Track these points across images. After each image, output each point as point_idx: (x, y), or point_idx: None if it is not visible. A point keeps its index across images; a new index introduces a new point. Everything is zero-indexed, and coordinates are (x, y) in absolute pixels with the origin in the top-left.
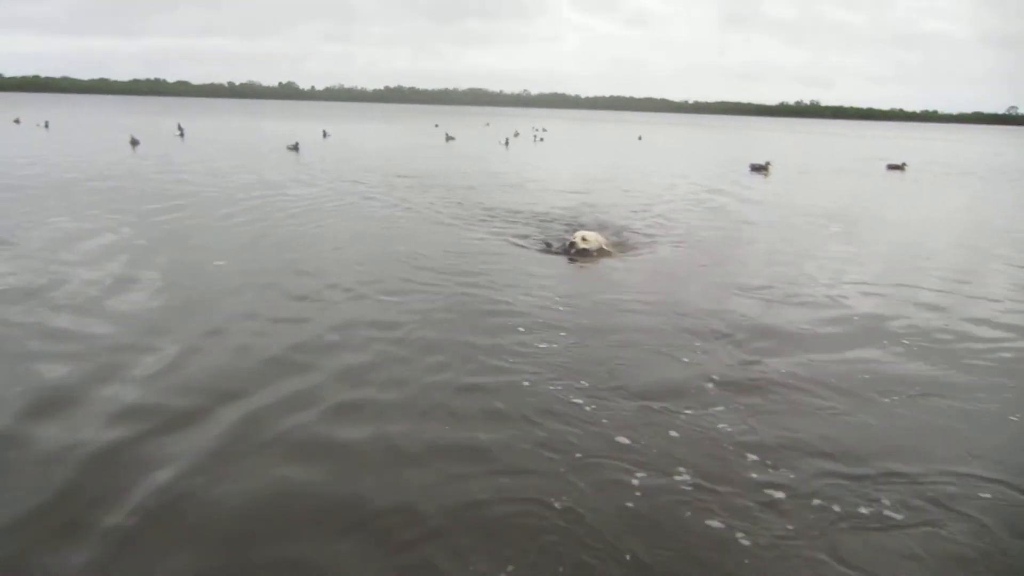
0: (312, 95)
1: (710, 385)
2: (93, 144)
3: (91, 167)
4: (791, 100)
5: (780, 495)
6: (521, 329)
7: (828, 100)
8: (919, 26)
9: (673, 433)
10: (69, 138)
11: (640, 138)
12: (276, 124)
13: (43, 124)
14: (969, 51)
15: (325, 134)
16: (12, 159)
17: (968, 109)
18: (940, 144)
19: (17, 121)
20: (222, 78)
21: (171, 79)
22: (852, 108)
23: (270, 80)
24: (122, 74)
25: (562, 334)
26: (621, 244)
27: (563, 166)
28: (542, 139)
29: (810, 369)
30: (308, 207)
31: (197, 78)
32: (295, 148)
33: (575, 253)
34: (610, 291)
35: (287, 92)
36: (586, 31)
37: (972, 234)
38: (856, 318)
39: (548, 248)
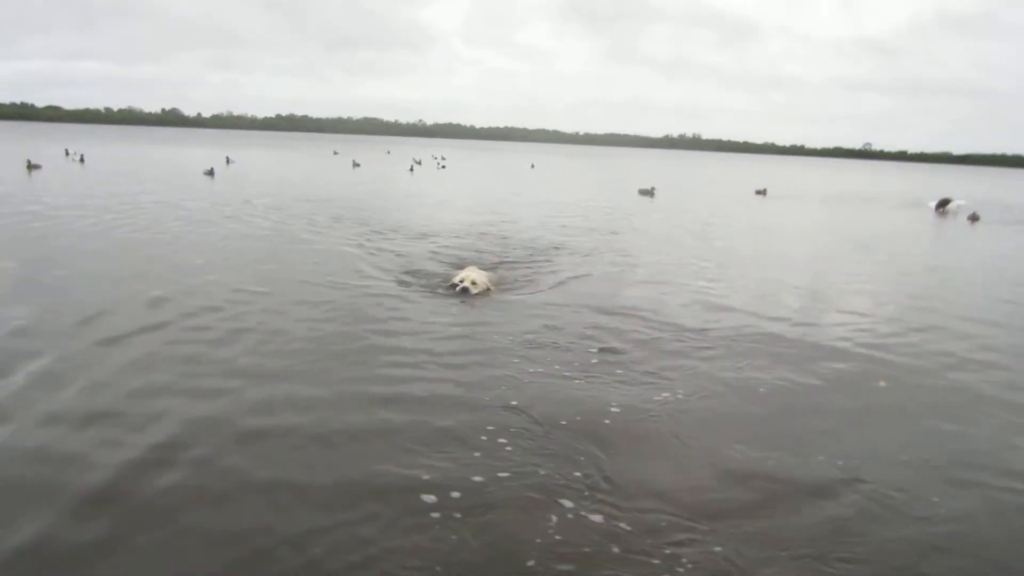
0: (198, 122)
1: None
2: None
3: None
4: (675, 133)
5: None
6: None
7: (708, 134)
8: (781, 69)
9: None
10: None
11: (532, 166)
12: (168, 150)
13: None
14: (827, 93)
15: (228, 160)
16: None
17: (831, 144)
18: (805, 175)
19: None
20: (98, 103)
21: (40, 103)
22: (730, 141)
23: (152, 106)
24: None
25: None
26: (503, 280)
27: (466, 191)
28: (443, 166)
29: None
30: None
31: (70, 103)
32: (210, 173)
33: (460, 291)
34: (493, 326)
35: (171, 119)
36: (477, 64)
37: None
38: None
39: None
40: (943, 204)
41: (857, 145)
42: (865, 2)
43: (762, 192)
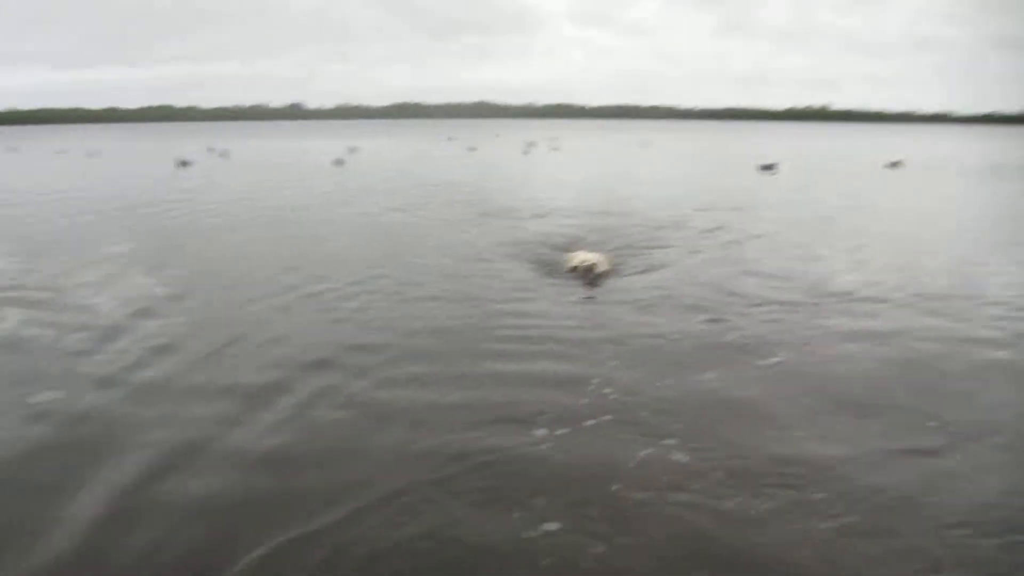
0: (320, 114)
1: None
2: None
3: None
4: (799, 104)
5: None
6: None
7: (839, 104)
8: (919, 30)
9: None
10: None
11: (645, 144)
12: (300, 143)
13: (89, 153)
14: (975, 55)
15: (352, 150)
16: (66, 189)
17: (982, 111)
18: (946, 144)
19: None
20: (229, 101)
21: (179, 104)
22: (862, 112)
23: (277, 100)
24: (130, 102)
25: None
26: (618, 261)
27: (580, 172)
28: (556, 148)
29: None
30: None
31: (205, 102)
32: (339, 162)
33: (584, 272)
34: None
35: (295, 113)
36: (586, 43)
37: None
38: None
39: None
40: None
41: (1017, 109)
42: None
43: (897, 164)
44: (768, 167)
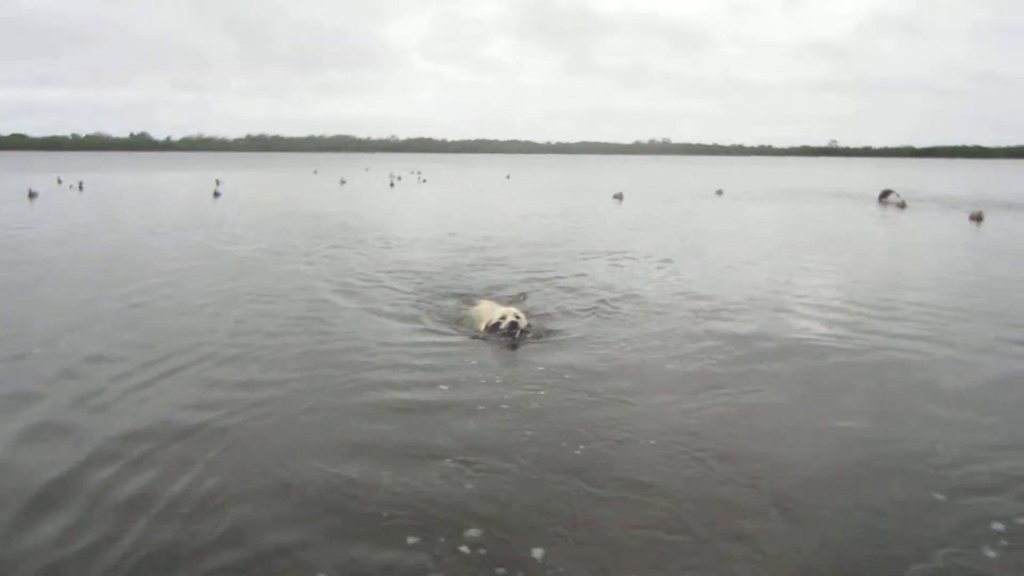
0: (168, 145)
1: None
2: None
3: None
4: (644, 139)
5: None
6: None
7: (677, 139)
8: (737, 74)
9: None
10: None
11: (508, 177)
12: (156, 175)
13: None
14: (788, 95)
15: (218, 183)
16: None
17: (798, 144)
18: (768, 173)
19: None
20: (64, 130)
21: (5, 132)
22: (699, 145)
23: (120, 131)
24: None
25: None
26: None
27: (452, 205)
28: (424, 180)
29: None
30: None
31: (36, 131)
32: (216, 194)
33: (509, 332)
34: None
35: (140, 143)
36: (440, 79)
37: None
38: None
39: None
40: (885, 195)
41: (823, 143)
42: (808, 6)
43: (720, 192)
44: (618, 196)
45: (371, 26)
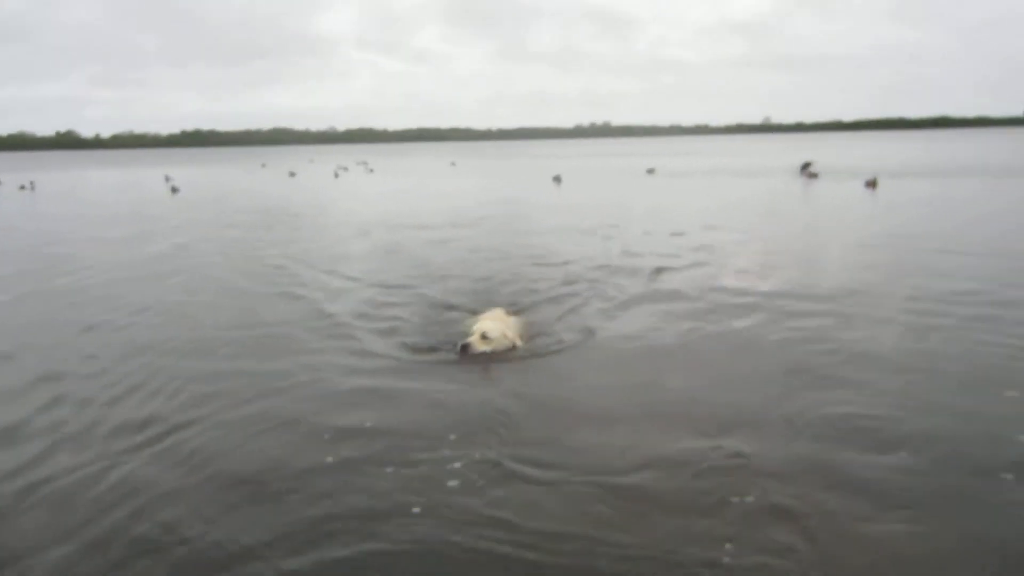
0: (97, 143)
1: None
2: None
3: None
4: (584, 122)
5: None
6: None
7: (616, 120)
8: (665, 54)
9: None
10: None
11: (453, 164)
12: (100, 172)
13: None
14: (716, 73)
15: (168, 179)
16: None
17: (733, 122)
18: (702, 151)
19: None
20: None
21: None
22: (638, 126)
23: (44, 129)
24: None
25: None
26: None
27: (402, 194)
28: (372, 170)
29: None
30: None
31: None
32: (174, 190)
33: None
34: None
35: (67, 141)
36: (375, 68)
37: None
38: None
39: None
40: (805, 167)
41: (758, 120)
42: None
43: (652, 171)
44: (557, 178)
45: (302, 16)
